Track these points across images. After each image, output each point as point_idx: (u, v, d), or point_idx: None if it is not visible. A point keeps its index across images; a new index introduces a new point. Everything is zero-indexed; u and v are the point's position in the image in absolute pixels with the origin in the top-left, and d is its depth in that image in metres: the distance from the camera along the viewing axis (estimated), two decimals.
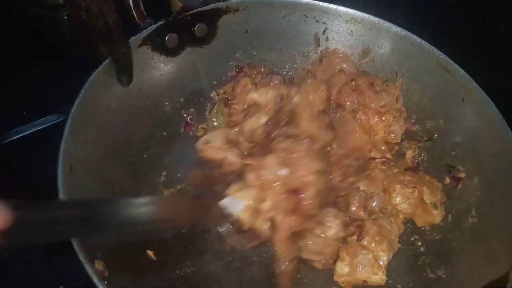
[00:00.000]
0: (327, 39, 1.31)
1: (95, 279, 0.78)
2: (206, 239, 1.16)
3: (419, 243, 1.13)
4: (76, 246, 0.81)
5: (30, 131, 1.41)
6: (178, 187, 1.19)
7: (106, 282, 0.79)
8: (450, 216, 1.11)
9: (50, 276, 1.14)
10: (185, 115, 1.25)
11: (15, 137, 1.35)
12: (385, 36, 1.24)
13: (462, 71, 1.14)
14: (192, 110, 1.26)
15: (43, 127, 1.40)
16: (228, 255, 1.10)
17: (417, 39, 1.20)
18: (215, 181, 1.06)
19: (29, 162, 1.31)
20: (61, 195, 0.86)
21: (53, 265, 1.15)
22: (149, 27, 1.11)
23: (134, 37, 1.10)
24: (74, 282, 1.10)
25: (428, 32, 1.22)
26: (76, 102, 0.98)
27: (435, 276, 1.03)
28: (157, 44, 1.14)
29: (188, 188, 1.18)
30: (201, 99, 1.28)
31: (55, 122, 1.38)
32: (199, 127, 1.26)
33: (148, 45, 1.13)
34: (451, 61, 1.16)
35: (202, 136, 1.20)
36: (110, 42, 1.00)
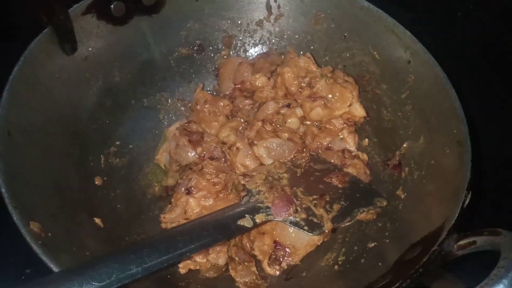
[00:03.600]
0: (279, 6, 1.31)
1: (28, 239, 0.78)
2: (156, 207, 1.16)
3: None
4: (10, 207, 0.80)
5: None
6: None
7: (40, 242, 0.79)
8: (396, 175, 1.12)
9: (16, 259, 1.13)
10: None
11: None
12: (334, 2, 1.24)
13: (408, 33, 1.15)
14: None
15: None
16: None
17: (365, 3, 1.20)
18: None
19: None
20: None
21: (19, 249, 1.14)
22: None
23: (77, 4, 1.08)
24: (41, 266, 1.09)
25: None
26: (15, 68, 0.97)
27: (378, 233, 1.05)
28: (103, 12, 1.12)
29: None
30: (153, 69, 1.27)
31: None
32: None
33: (93, 13, 1.11)
34: (397, 24, 1.16)
35: None
36: (48, 9, 0.98)
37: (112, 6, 1.13)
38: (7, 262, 1.17)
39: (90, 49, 1.13)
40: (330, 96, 1.17)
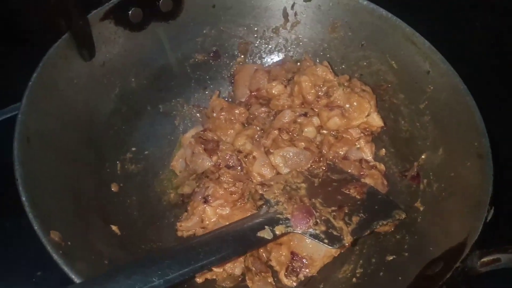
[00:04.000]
0: (295, 13, 1.30)
1: (49, 248, 0.78)
2: (172, 214, 1.16)
3: None
4: (30, 216, 0.80)
5: (0, 118, 1.40)
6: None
7: (61, 252, 0.79)
8: (414, 186, 1.11)
9: (28, 262, 1.13)
10: None
11: None
12: (352, 10, 1.23)
13: (427, 42, 1.14)
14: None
15: (12, 114, 1.38)
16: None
17: (384, 12, 1.19)
18: None
19: None
20: (17, 166, 0.85)
21: (30, 252, 1.14)
22: (112, 1, 1.09)
23: (95, 11, 1.07)
24: (52, 268, 1.09)
25: (396, 6, 1.22)
26: (34, 74, 0.97)
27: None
28: (120, 18, 1.12)
29: None
30: (169, 76, 1.27)
31: None
32: None
33: (111, 19, 1.10)
34: (417, 33, 1.15)
35: None
36: (67, 15, 0.98)
37: (130, 12, 1.13)
38: (19, 265, 1.16)
39: (107, 55, 1.13)
40: (347, 105, 1.17)
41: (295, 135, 1.17)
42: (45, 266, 1.12)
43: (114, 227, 1.02)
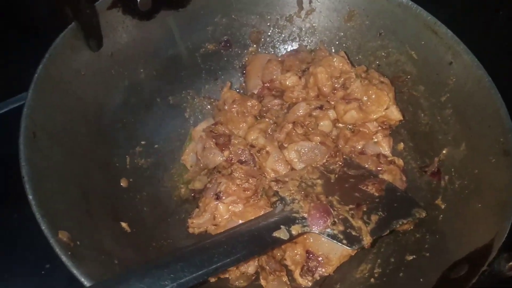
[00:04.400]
0: (310, 1, 1.25)
1: (57, 250, 0.75)
2: (183, 210, 1.12)
3: None
4: (37, 215, 0.77)
5: (5, 109, 1.38)
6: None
7: (70, 253, 0.76)
8: (434, 182, 1.07)
9: (37, 255, 1.12)
10: None
11: None
12: None
13: (450, 32, 1.08)
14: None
15: (18, 104, 1.36)
16: None
17: None
18: None
19: (4, 140, 1.25)
20: (23, 164, 0.81)
21: (39, 244, 1.12)
22: None
23: None
24: (60, 261, 1.07)
25: None
26: (40, 66, 0.93)
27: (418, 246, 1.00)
28: (129, 6, 1.07)
29: None
30: (179, 66, 1.22)
31: None
32: None
33: (119, 8, 1.06)
34: (439, 22, 1.10)
35: None
36: (74, 3, 0.94)
37: (138, 0, 1.08)
38: (27, 257, 1.15)
39: (115, 45, 1.08)
40: (365, 98, 1.12)
41: (310, 129, 1.13)
42: (53, 258, 1.10)
43: (123, 224, 0.99)
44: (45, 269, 1.13)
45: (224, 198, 1.02)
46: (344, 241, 0.91)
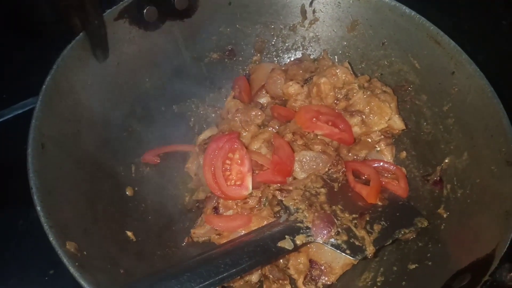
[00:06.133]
0: (314, 11, 1.26)
1: (65, 261, 0.76)
2: (187, 218, 1.14)
3: None
4: (46, 226, 0.78)
5: (11, 115, 1.38)
6: None
7: (77, 263, 0.77)
8: (437, 191, 1.08)
9: (41, 261, 1.12)
10: None
11: None
12: (373, 7, 1.19)
13: (452, 42, 1.09)
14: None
15: (23, 110, 1.37)
16: None
17: (407, 9, 1.15)
18: None
19: (10, 146, 1.27)
20: (31, 175, 0.83)
21: (43, 249, 1.13)
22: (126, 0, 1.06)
23: (110, 10, 1.05)
24: (64, 267, 1.08)
25: (419, 2, 1.17)
26: (48, 77, 0.94)
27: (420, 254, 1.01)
28: (135, 17, 1.09)
29: None
30: (184, 75, 1.24)
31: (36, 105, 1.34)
32: None
33: (125, 19, 1.07)
34: (441, 32, 1.11)
35: None
36: (83, 14, 0.95)
37: (144, 11, 1.10)
38: (31, 263, 1.15)
39: (121, 55, 1.10)
40: (367, 109, 1.13)
41: (310, 137, 1.14)
42: (57, 264, 1.11)
43: (129, 233, 1.00)
44: (49, 275, 1.13)
45: (222, 212, 1.03)
46: (348, 251, 0.92)
